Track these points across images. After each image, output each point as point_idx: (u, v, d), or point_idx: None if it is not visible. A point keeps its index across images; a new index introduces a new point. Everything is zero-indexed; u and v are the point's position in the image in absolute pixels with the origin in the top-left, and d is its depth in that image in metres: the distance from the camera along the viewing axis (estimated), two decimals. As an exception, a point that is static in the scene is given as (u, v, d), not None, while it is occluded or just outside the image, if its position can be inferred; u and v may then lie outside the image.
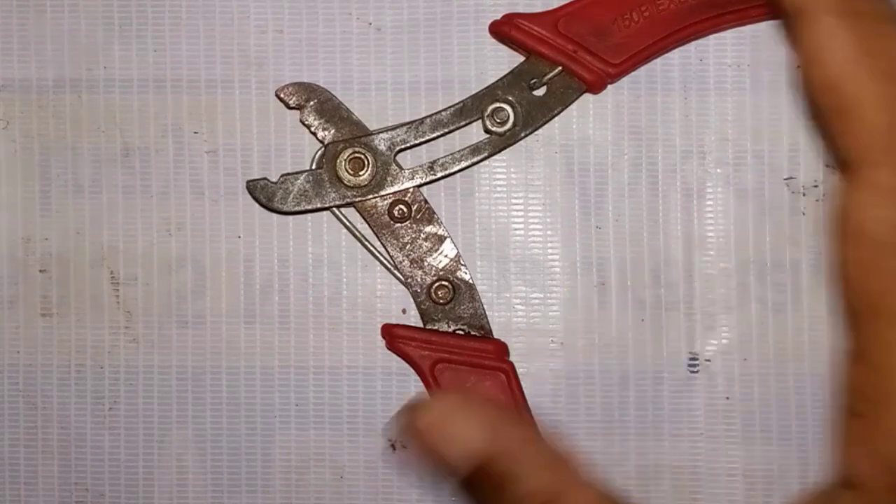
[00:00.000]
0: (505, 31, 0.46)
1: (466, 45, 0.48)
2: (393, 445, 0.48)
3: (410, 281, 0.47)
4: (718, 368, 0.48)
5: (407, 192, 0.47)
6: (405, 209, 0.47)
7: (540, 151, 0.48)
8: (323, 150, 0.47)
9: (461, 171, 0.47)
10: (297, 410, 0.48)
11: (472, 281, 0.47)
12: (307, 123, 0.47)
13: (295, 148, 0.48)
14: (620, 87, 0.48)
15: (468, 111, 0.47)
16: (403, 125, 0.47)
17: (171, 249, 0.49)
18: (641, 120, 0.48)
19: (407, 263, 0.47)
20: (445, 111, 0.47)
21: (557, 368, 0.48)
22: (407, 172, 0.47)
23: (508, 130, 0.46)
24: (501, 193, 0.48)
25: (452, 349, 0.46)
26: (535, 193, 0.48)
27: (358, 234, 0.47)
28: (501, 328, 0.48)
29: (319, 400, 0.48)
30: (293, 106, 0.47)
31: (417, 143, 0.47)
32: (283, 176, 0.47)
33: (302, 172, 0.47)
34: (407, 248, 0.47)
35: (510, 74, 0.47)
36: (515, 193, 0.48)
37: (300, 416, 0.48)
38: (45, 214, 0.49)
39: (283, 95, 0.47)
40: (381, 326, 0.48)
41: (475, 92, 0.47)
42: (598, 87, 0.46)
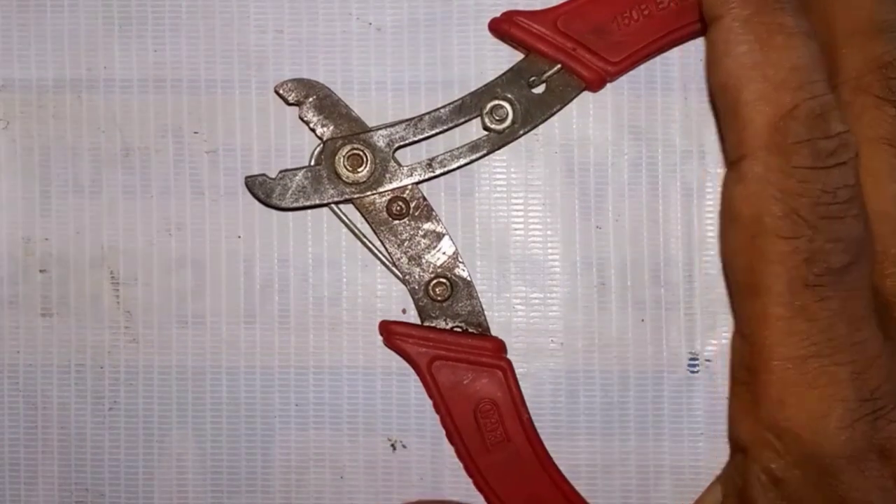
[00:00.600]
0: (504, 28, 0.46)
1: (466, 43, 0.48)
2: (393, 445, 0.48)
3: (408, 278, 0.47)
4: (718, 368, 0.48)
5: (405, 188, 0.47)
6: (403, 206, 0.47)
7: (540, 151, 0.48)
8: (321, 146, 0.47)
9: (460, 168, 0.47)
10: (297, 410, 0.48)
11: (469, 278, 0.47)
12: (306, 120, 0.47)
13: (295, 148, 0.48)
14: (620, 86, 0.48)
15: (467, 108, 0.47)
16: (402, 122, 0.47)
17: (171, 249, 0.49)
18: (641, 119, 0.48)
19: (405, 260, 0.47)
20: (444, 108, 0.47)
21: (557, 368, 0.48)
22: (405, 169, 0.47)
23: (507, 128, 0.46)
24: (501, 193, 0.48)
25: (450, 346, 0.46)
26: (534, 193, 0.48)
27: (356, 230, 0.47)
28: (501, 328, 0.48)
29: (319, 400, 0.48)
30: (292, 102, 0.47)
31: (416, 140, 0.47)
32: (281, 172, 0.47)
33: (300, 169, 0.47)
34: (405, 244, 0.47)
35: (509, 72, 0.47)
36: (515, 193, 0.48)
37: (300, 416, 0.48)
38: (45, 214, 0.49)
39: (281, 91, 0.47)
40: (378, 323, 0.48)
41: (474, 89, 0.47)
42: (597, 85, 0.46)
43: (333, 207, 0.47)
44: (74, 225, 0.49)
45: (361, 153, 0.47)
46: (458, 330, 0.47)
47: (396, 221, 0.47)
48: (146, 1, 0.49)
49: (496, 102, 0.46)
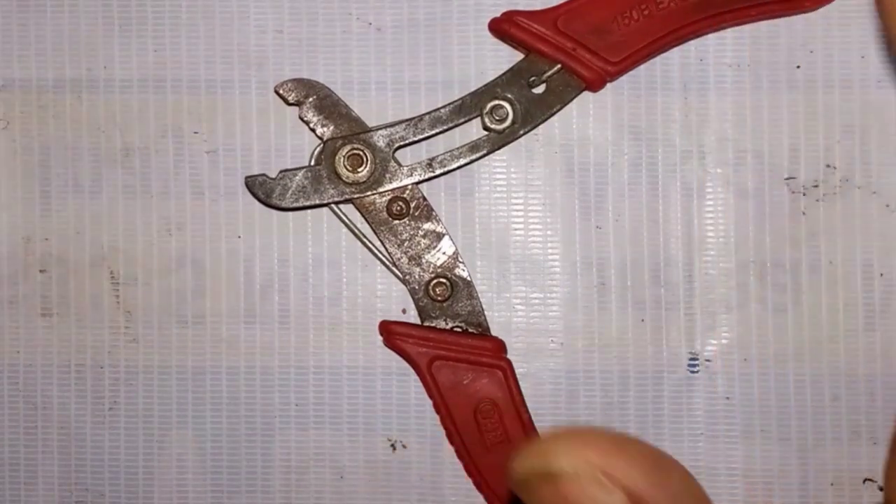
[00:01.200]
0: (504, 28, 0.46)
1: (466, 43, 0.48)
2: (393, 445, 0.48)
3: (408, 278, 0.47)
4: (718, 368, 0.48)
5: (406, 188, 0.47)
6: (403, 206, 0.47)
7: (540, 151, 0.48)
8: (321, 146, 0.47)
9: (460, 168, 0.47)
10: (297, 410, 0.48)
11: (469, 278, 0.47)
12: (306, 120, 0.47)
13: (295, 148, 0.48)
14: (620, 86, 0.48)
15: (467, 108, 0.47)
16: (402, 122, 0.47)
17: (171, 249, 0.49)
18: (641, 120, 0.48)
19: (405, 260, 0.47)
20: (444, 108, 0.47)
21: (557, 368, 0.48)
22: (405, 169, 0.47)
23: (507, 128, 0.46)
24: (501, 193, 0.48)
25: (450, 346, 0.46)
26: (534, 193, 0.48)
27: (356, 230, 0.47)
28: (501, 328, 0.48)
29: (319, 400, 0.48)
30: (292, 102, 0.47)
31: (416, 140, 0.47)
32: (281, 172, 0.47)
33: (300, 169, 0.47)
34: (405, 244, 0.47)
35: (509, 72, 0.47)
36: (515, 193, 0.48)
37: (300, 416, 0.48)
38: (45, 214, 0.49)
39: (281, 91, 0.47)
40: (378, 323, 0.48)
41: (474, 89, 0.47)
42: (597, 85, 0.46)
43: (333, 207, 0.47)
44: (74, 225, 0.49)
45: (361, 153, 0.47)
46: (458, 330, 0.47)
47: (396, 221, 0.47)
48: (146, 1, 0.49)
49: (496, 102, 0.46)
